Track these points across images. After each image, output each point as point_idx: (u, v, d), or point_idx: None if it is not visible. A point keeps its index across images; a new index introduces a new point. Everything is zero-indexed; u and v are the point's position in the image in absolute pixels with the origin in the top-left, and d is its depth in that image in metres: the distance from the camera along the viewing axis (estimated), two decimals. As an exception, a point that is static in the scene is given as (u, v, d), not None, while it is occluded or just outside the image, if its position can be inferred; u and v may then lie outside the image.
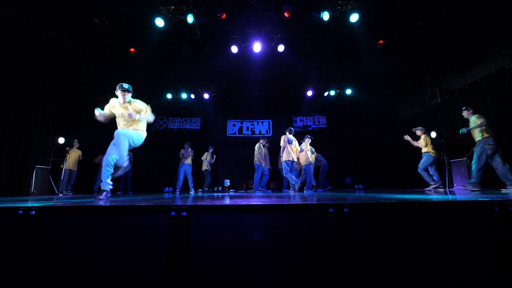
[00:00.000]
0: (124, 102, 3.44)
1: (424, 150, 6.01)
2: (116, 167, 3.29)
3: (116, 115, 3.52)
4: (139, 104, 3.49)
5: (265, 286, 1.57)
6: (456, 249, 1.60)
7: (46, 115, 6.15)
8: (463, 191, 4.55)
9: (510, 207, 1.64)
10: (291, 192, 5.52)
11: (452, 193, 3.57)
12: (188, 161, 7.76)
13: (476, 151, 4.66)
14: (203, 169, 8.40)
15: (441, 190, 5.23)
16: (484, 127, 4.62)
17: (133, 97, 3.61)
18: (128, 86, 3.43)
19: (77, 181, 7.44)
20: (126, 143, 3.30)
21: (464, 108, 5.13)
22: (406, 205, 1.76)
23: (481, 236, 1.63)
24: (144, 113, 3.45)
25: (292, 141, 6.15)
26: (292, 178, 5.90)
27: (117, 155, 3.23)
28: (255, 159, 7.00)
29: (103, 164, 3.26)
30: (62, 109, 7.72)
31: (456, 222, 1.66)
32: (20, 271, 1.59)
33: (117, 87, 3.41)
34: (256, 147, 7.10)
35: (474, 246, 1.61)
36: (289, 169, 6.00)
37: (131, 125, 3.46)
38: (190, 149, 7.90)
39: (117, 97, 3.50)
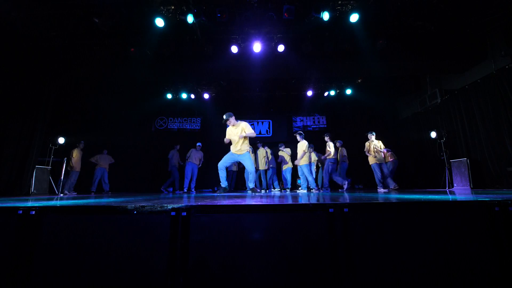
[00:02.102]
0: (234, 125, 4.54)
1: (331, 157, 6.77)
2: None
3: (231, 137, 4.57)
4: (244, 124, 4.55)
5: (265, 286, 1.57)
6: (456, 249, 1.60)
7: (46, 115, 6.15)
8: (463, 191, 4.55)
9: (510, 207, 1.64)
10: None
11: (452, 193, 3.57)
12: (196, 160, 7.77)
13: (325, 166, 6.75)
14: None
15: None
16: (332, 153, 6.53)
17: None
18: (227, 115, 4.46)
19: (77, 181, 7.44)
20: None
21: (326, 134, 6.82)
22: (406, 205, 1.76)
23: (481, 236, 1.63)
24: (246, 131, 4.45)
25: None
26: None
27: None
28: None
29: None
30: (62, 109, 7.72)
31: (456, 222, 1.66)
32: (20, 271, 1.59)
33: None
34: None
35: (474, 246, 1.61)
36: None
37: (241, 143, 4.47)
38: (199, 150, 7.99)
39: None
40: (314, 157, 6.96)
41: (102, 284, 1.57)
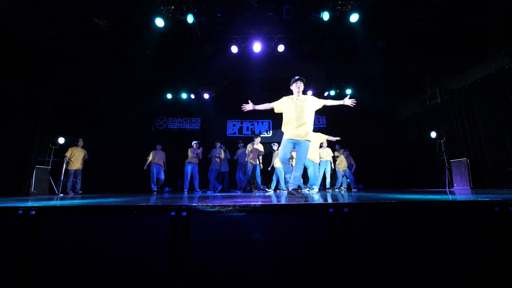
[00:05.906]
0: (298, 98, 3.29)
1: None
2: None
3: (289, 114, 3.30)
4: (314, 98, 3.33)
5: (265, 286, 1.57)
6: (456, 249, 1.60)
7: (46, 115, 6.15)
8: (463, 191, 4.55)
9: (510, 207, 1.64)
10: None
11: (452, 193, 3.57)
12: (194, 160, 7.73)
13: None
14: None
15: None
16: None
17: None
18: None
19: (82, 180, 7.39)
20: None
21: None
22: (406, 205, 1.75)
23: (481, 236, 1.63)
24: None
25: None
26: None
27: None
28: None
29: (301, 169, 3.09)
30: (62, 109, 7.72)
31: (456, 222, 1.66)
32: (20, 271, 1.59)
33: (292, 81, 3.36)
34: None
35: (474, 246, 1.61)
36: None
37: (309, 126, 3.29)
38: (197, 148, 7.78)
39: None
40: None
41: (102, 284, 1.57)
